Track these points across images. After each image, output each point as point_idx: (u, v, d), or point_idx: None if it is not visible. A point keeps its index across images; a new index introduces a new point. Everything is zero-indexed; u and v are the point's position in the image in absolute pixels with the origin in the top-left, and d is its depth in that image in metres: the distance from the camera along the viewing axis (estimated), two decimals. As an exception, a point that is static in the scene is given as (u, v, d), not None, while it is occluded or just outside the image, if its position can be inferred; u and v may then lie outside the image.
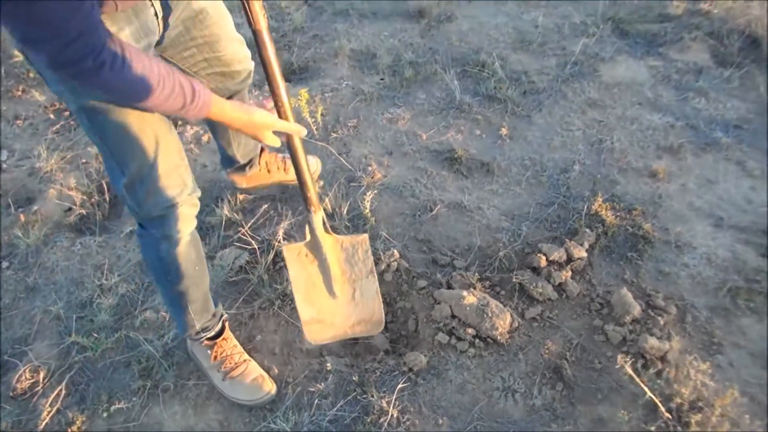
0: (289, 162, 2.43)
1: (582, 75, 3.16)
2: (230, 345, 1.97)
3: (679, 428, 1.69)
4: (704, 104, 2.96)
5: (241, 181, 2.40)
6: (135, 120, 1.36)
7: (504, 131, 2.84)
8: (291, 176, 2.44)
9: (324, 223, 1.77)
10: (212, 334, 1.93)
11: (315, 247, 1.80)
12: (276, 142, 1.53)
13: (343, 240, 1.81)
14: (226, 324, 1.99)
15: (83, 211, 2.56)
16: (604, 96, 3.05)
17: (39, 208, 2.60)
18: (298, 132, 1.55)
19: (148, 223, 1.58)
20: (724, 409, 1.71)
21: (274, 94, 1.51)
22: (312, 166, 2.48)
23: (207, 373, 1.95)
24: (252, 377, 1.91)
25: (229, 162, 2.33)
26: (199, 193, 1.61)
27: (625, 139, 2.78)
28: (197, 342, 1.94)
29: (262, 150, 2.39)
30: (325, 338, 1.90)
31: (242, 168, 2.35)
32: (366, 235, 1.82)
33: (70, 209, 2.59)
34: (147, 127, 1.39)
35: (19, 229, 2.48)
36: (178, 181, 1.52)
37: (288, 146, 1.59)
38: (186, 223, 1.60)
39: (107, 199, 2.59)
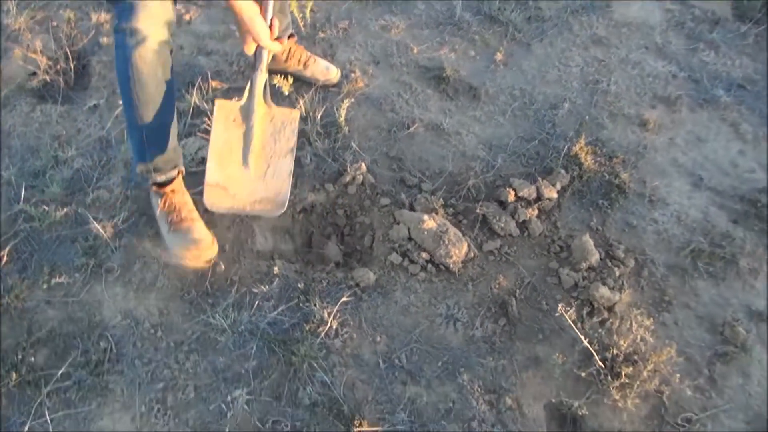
0: (311, 59, 2.45)
1: (593, 8, 2.98)
2: (180, 199, 1.96)
3: (609, 378, 1.69)
4: (712, 58, 2.82)
5: None
6: None
7: (499, 56, 2.70)
8: (309, 73, 2.45)
9: (265, 90, 1.72)
10: (163, 178, 1.91)
11: (247, 112, 1.73)
12: (251, 51, 1.64)
13: (275, 113, 1.76)
14: (181, 177, 1.97)
15: (47, 78, 2.44)
16: (611, 34, 2.89)
17: (2, 67, 2.47)
18: (275, 50, 1.69)
19: (123, 13, 1.58)
20: (657, 365, 1.71)
21: None
22: (332, 72, 2.48)
23: (158, 221, 1.97)
24: (196, 234, 1.89)
25: None
26: None
27: (623, 83, 2.66)
28: (149, 185, 1.93)
29: (291, 36, 2.38)
30: (223, 206, 1.79)
31: None
32: (298, 112, 1.77)
33: (34, 74, 2.47)
34: None
35: (-21, 86, 2.37)
36: None
37: None
38: (155, 23, 1.60)
39: (73, 67, 2.46)
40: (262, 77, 1.68)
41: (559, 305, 1.68)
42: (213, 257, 1.92)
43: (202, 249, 1.88)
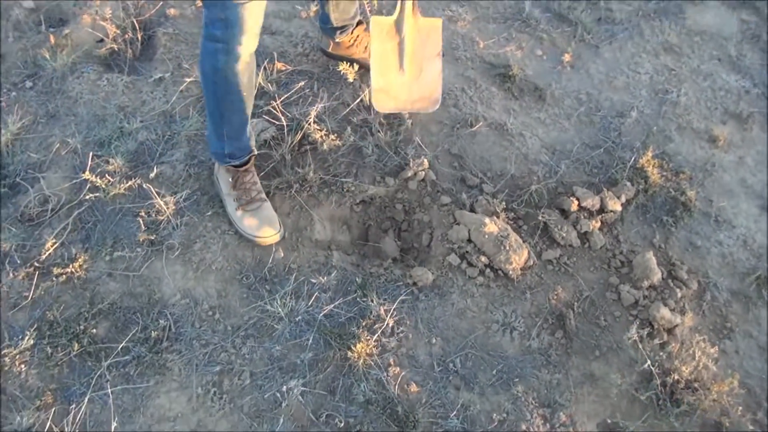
0: None
1: (666, 14, 2.89)
2: (251, 179, 2.00)
3: (669, 404, 1.67)
4: (787, 75, 2.72)
5: (328, 44, 2.42)
6: None
7: (567, 57, 2.63)
8: None
9: (414, 5, 1.89)
10: (237, 162, 1.96)
11: (398, 25, 1.92)
12: None
13: (422, 23, 1.94)
14: (253, 159, 2.01)
15: (115, 46, 2.44)
16: (683, 42, 2.80)
17: (70, 32, 2.47)
18: None
19: (215, 24, 1.61)
20: (719, 396, 1.68)
21: None
22: None
23: (225, 199, 2.01)
24: (263, 216, 1.95)
25: (324, 20, 2.33)
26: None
27: (693, 95, 2.58)
28: (222, 165, 1.98)
29: (359, 23, 2.37)
30: (388, 107, 2.01)
31: (333, 31, 2.33)
32: (441, 20, 1.96)
33: (102, 41, 2.47)
34: None
35: (47, 50, 2.38)
36: None
37: None
38: (249, 36, 1.64)
39: (140, 38, 2.46)
40: None
41: (632, 330, 1.64)
42: (279, 238, 1.96)
43: (270, 229, 1.93)
